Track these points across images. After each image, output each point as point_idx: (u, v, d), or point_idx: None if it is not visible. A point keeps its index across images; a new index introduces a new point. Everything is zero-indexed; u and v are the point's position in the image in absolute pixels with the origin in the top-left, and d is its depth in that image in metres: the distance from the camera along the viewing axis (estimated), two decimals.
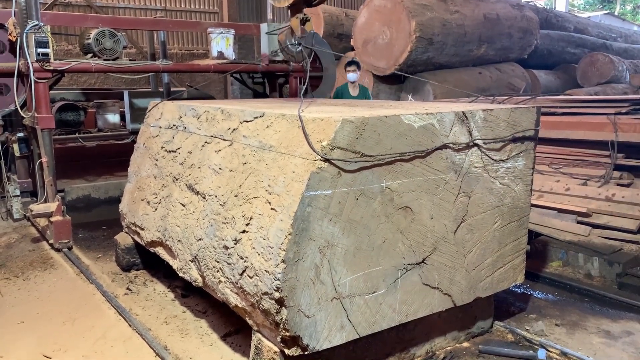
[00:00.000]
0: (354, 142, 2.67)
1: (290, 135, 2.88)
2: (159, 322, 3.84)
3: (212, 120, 3.75)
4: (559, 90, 10.92)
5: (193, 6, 13.30)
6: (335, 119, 2.63)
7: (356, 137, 2.67)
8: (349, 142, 2.65)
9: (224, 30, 6.86)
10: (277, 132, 3.01)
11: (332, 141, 2.60)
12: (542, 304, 4.22)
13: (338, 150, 2.62)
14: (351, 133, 2.66)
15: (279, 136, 2.97)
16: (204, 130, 3.80)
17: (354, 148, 2.67)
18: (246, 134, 3.29)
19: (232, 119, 3.52)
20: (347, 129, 2.64)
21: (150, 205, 4.19)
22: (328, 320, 2.72)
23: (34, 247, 5.57)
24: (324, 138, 2.62)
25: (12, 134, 6.52)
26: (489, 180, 3.32)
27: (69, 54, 10.73)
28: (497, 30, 9.83)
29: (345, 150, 2.65)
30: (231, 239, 2.98)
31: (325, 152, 2.59)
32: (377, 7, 8.98)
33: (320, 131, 2.67)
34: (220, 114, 3.68)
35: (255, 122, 3.26)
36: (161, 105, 4.68)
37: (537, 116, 3.53)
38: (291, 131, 2.89)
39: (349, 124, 2.65)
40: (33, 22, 5.37)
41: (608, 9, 30.81)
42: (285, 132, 2.94)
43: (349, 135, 2.65)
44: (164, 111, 4.56)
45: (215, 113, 3.75)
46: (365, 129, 2.70)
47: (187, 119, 4.10)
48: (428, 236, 3.06)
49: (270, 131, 3.07)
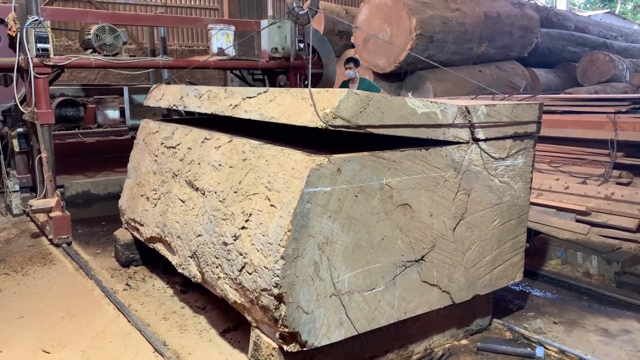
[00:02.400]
0: (356, 115, 2.66)
1: (293, 107, 2.88)
2: (157, 317, 3.84)
3: (215, 98, 3.76)
4: (559, 88, 10.91)
5: (193, 2, 13.28)
6: (341, 91, 2.65)
7: (359, 110, 2.66)
8: (352, 114, 2.64)
9: (224, 26, 6.86)
10: (280, 105, 3.02)
11: (335, 109, 2.58)
12: (540, 302, 4.23)
13: (340, 120, 2.61)
14: (355, 105, 2.65)
15: (282, 109, 2.98)
16: (205, 108, 3.80)
17: (356, 121, 2.66)
18: (247, 109, 3.29)
19: (234, 96, 3.54)
20: (352, 100, 2.63)
21: (149, 201, 4.19)
22: (327, 316, 2.72)
23: (33, 242, 5.57)
24: (328, 106, 2.61)
25: (11, 129, 6.52)
26: (488, 178, 3.32)
27: (68, 49, 10.72)
28: (497, 29, 9.82)
29: (348, 121, 2.63)
30: (230, 235, 2.98)
31: (327, 119, 2.57)
32: (377, 4, 8.97)
33: (325, 100, 2.67)
34: (223, 93, 3.70)
35: (258, 98, 3.27)
36: (163, 87, 4.70)
37: (539, 113, 3.53)
38: (294, 103, 2.89)
39: (354, 96, 2.64)
40: (33, 17, 5.37)
41: (609, 8, 30.78)
42: (289, 104, 2.94)
43: (353, 107, 2.64)
44: (166, 92, 4.56)
45: (218, 92, 3.78)
46: (369, 103, 2.69)
47: (188, 99, 4.10)
48: (427, 233, 3.06)
49: (273, 104, 3.08)
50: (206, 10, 13.47)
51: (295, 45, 7.19)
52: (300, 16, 5.26)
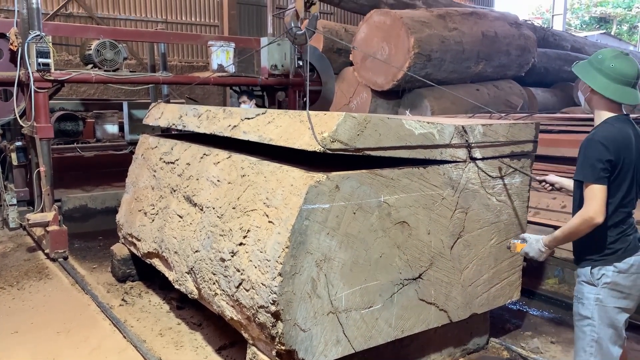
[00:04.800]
0: (354, 138, 2.68)
1: (291, 129, 2.90)
2: (153, 334, 3.82)
3: (213, 118, 3.78)
4: (556, 108, 10.98)
5: (194, 19, 13.39)
6: (338, 114, 2.67)
7: (357, 133, 2.68)
8: (349, 137, 2.66)
9: (224, 43, 6.92)
10: (278, 127, 3.03)
11: (333, 133, 2.60)
12: (537, 321, 4.22)
13: (338, 144, 2.63)
14: (353, 128, 2.67)
15: (280, 131, 2.99)
16: (204, 128, 3.82)
17: (354, 144, 2.68)
18: (246, 129, 3.31)
19: (233, 117, 3.55)
20: (349, 123, 2.65)
21: (147, 216, 4.19)
22: (324, 334, 2.71)
23: (30, 256, 5.55)
24: (326, 130, 2.63)
25: (10, 142, 6.53)
26: (485, 196, 3.33)
27: (69, 64, 10.78)
28: (495, 48, 9.91)
29: (346, 144, 2.66)
30: (228, 251, 2.98)
31: (325, 143, 2.59)
32: (376, 23, 9.06)
33: (323, 124, 2.69)
34: (222, 113, 3.72)
35: (257, 119, 3.29)
36: (162, 105, 4.72)
37: (535, 132, 3.56)
38: (292, 126, 2.91)
39: (352, 119, 2.66)
40: (35, 33, 5.41)
41: (604, 29, 31.13)
42: (287, 126, 2.96)
43: (350, 130, 2.66)
44: (165, 111, 4.58)
45: (217, 112, 3.80)
46: (367, 126, 2.71)
47: (187, 119, 4.12)
48: (425, 251, 3.07)
49: (272, 126, 3.09)
50: (206, 27, 13.58)
51: (295, 62, 7.25)
52: (298, 36, 5.32)
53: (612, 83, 2.48)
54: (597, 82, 2.51)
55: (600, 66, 2.51)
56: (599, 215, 2.43)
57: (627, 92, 2.49)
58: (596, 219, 2.43)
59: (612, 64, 2.48)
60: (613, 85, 2.48)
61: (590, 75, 2.54)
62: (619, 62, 2.49)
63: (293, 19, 5.41)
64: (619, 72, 2.47)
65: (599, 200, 2.43)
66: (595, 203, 2.43)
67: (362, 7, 10.40)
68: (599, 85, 2.51)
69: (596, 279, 2.56)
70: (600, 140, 2.46)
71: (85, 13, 11.82)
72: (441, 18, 9.26)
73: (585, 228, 2.48)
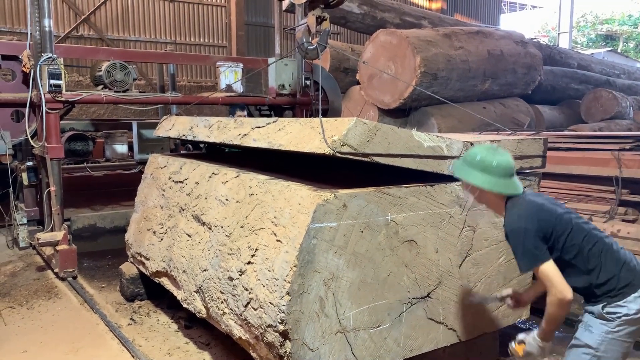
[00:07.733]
0: (364, 144, 2.70)
1: (301, 135, 2.93)
2: (162, 353, 3.82)
3: (224, 128, 3.83)
4: (563, 125, 10.99)
5: (202, 40, 13.58)
6: (349, 119, 2.70)
7: (367, 139, 2.71)
8: (359, 142, 2.69)
9: (233, 64, 7.02)
10: (289, 133, 3.07)
11: (343, 137, 2.63)
12: None
13: (347, 148, 2.65)
14: (363, 134, 2.70)
15: (290, 137, 3.03)
16: (214, 137, 3.86)
17: (363, 149, 2.70)
18: (256, 137, 3.35)
19: (244, 126, 3.61)
20: (359, 128, 2.68)
21: (156, 236, 4.21)
22: (332, 354, 2.70)
23: (39, 275, 5.57)
24: (336, 134, 2.66)
25: (21, 162, 6.61)
26: (493, 214, 3.33)
27: (79, 85, 10.95)
28: (501, 66, 9.96)
29: (355, 149, 2.68)
30: (236, 270, 2.99)
31: (335, 146, 2.62)
32: (382, 42, 9.14)
33: (333, 128, 2.72)
34: (233, 123, 3.77)
35: (267, 127, 3.33)
36: (173, 118, 4.78)
37: (544, 147, 3.57)
38: (303, 131, 2.95)
39: (363, 125, 2.69)
40: (47, 55, 5.51)
41: (611, 46, 31.21)
42: (297, 133, 3.00)
43: (361, 135, 2.69)
44: (176, 123, 4.63)
45: (227, 122, 3.85)
46: (377, 133, 2.74)
47: (198, 129, 4.17)
48: (433, 270, 3.06)
49: (282, 133, 3.14)
50: (215, 47, 13.76)
51: (302, 82, 7.33)
52: (310, 51, 5.39)
53: (500, 179, 2.55)
54: (488, 182, 2.55)
55: (483, 165, 2.56)
56: (564, 291, 2.37)
57: (513, 182, 2.59)
58: (566, 296, 2.37)
59: (494, 163, 2.54)
60: (502, 180, 2.55)
61: (475, 176, 2.57)
62: (499, 158, 2.56)
63: (305, 34, 5.49)
64: (503, 167, 2.55)
65: (554, 276, 2.39)
66: (553, 282, 2.39)
67: (368, 27, 10.52)
68: (490, 184, 2.55)
69: (612, 315, 2.48)
70: (518, 225, 2.47)
71: (95, 35, 12.03)
72: (447, 37, 9.34)
73: (562, 310, 2.43)
